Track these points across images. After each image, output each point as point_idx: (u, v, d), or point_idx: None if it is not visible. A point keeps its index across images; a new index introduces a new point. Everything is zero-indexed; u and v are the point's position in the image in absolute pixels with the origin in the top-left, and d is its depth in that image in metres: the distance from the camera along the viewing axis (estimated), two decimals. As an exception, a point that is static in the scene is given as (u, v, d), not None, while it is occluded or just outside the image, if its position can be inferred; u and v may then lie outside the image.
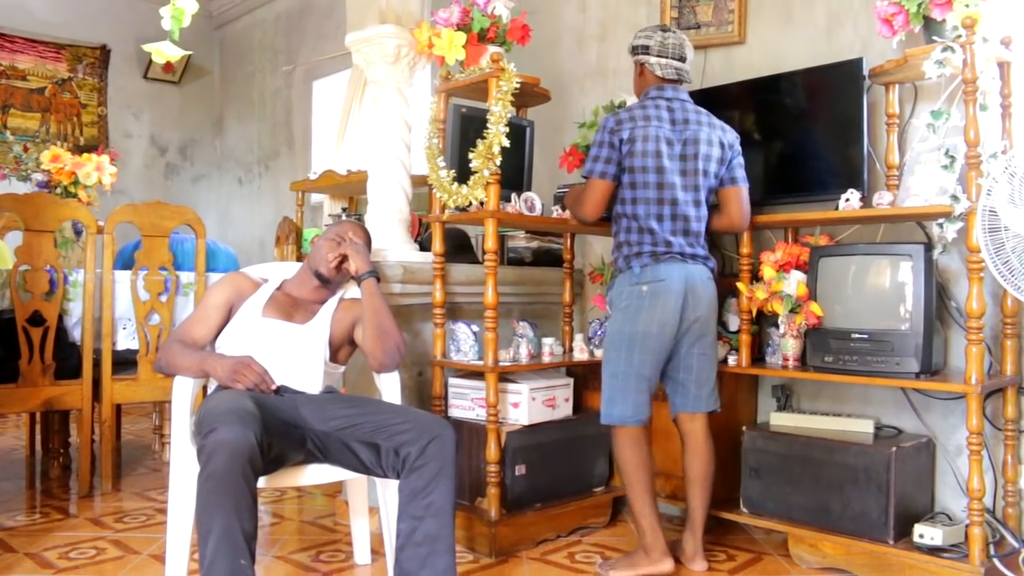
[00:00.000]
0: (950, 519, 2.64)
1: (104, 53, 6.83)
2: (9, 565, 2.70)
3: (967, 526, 2.41)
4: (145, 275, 3.63)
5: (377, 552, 2.78)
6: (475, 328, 3.02)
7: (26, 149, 6.26)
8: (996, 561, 2.43)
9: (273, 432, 2.12)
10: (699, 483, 2.73)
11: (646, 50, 2.75)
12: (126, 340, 3.70)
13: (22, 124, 6.42)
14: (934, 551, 2.46)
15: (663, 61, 2.73)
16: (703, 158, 2.68)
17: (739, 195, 2.77)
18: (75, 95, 6.69)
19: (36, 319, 3.43)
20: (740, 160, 2.78)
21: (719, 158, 2.72)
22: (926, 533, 2.49)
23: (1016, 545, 2.53)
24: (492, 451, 2.84)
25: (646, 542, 2.66)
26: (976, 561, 2.36)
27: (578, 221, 2.91)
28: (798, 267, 2.85)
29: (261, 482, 2.11)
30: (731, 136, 2.76)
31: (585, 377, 3.38)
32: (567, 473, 3.12)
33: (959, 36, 2.41)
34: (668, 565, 2.63)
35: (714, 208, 2.82)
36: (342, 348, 2.62)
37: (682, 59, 2.75)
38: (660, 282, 2.65)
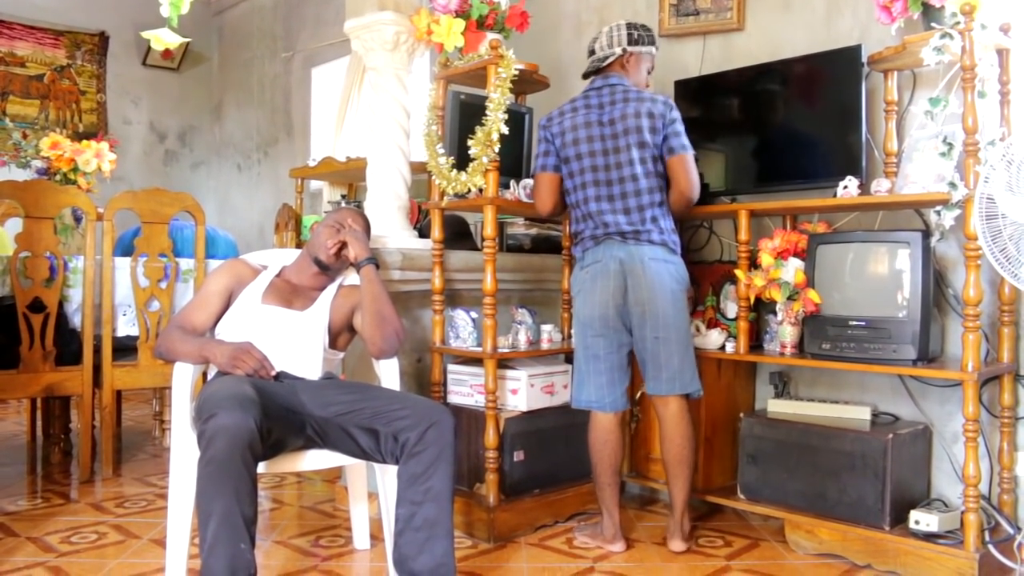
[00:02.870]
0: (946, 505, 2.66)
1: (103, 40, 6.81)
2: (11, 549, 2.72)
3: (963, 512, 2.43)
4: (145, 262, 3.64)
5: (376, 537, 2.80)
6: (474, 315, 3.03)
7: (25, 136, 6.25)
8: (991, 547, 2.45)
9: (273, 418, 2.13)
10: (671, 467, 2.74)
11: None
12: (126, 326, 3.71)
13: (21, 111, 6.41)
14: (930, 537, 2.48)
15: (588, 62, 2.86)
16: (634, 131, 2.68)
17: (681, 164, 2.69)
18: (74, 82, 6.68)
19: (36, 305, 3.44)
20: (675, 128, 2.70)
21: (650, 127, 2.68)
22: (922, 519, 2.51)
23: (1011, 531, 2.55)
24: (491, 437, 2.86)
25: (603, 523, 2.84)
26: (971, 547, 2.38)
27: (542, 217, 3.09)
28: (796, 254, 2.85)
29: (261, 467, 2.12)
30: (660, 106, 2.70)
31: (584, 364, 3.38)
32: (565, 459, 3.13)
33: (958, 23, 2.40)
34: (618, 547, 2.78)
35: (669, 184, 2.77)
36: (341, 334, 2.63)
37: (592, 52, 2.84)
38: (596, 264, 2.73)
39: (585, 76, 2.89)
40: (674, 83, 3.33)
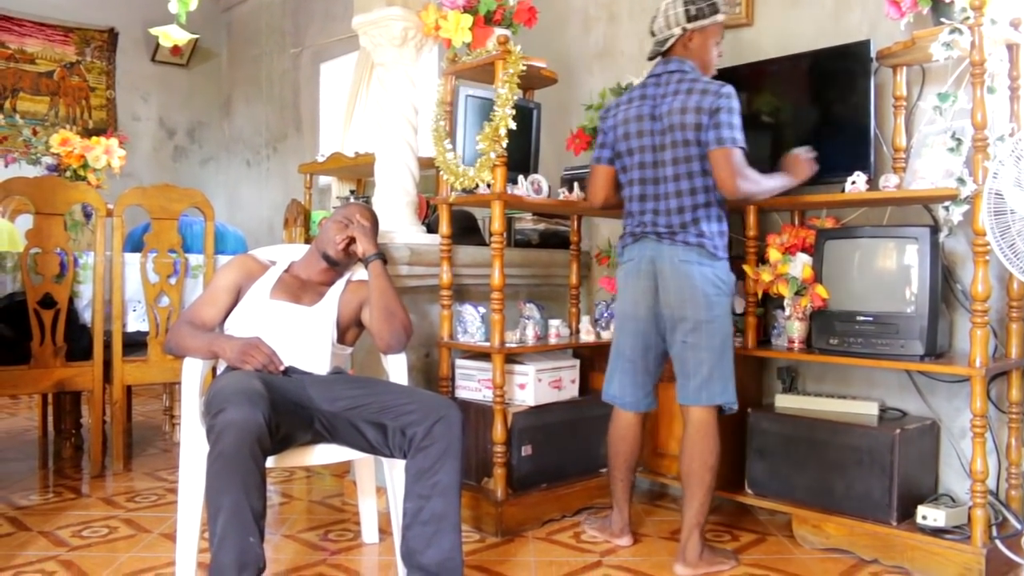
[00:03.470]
0: (953, 501, 2.66)
1: (112, 36, 6.84)
2: (23, 543, 2.75)
3: (970, 508, 2.43)
4: (154, 257, 3.66)
5: (384, 531, 2.81)
6: (482, 310, 3.04)
7: (35, 133, 6.29)
8: (998, 542, 2.45)
9: (281, 412, 2.14)
10: (684, 482, 2.58)
11: None
12: (136, 322, 3.73)
13: (31, 108, 6.45)
14: (937, 532, 2.48)
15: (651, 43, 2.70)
16: (679, 127, 2.53)
17: (719, 158, 2.48)
18: (84, 78, 6.71)
19: (47, 301, 3.46)
20: (720, 119, 2.48)
21: (695, 124, 2.50)
22: (929, 514, 2.51)
23: (1018, 527, 2.54)
24: (498, 432, 2.87)
25: (612, 516, 2.82)
26: (978, 542, 2.38)
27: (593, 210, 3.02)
28: (804, 250, 2.85)
29: (270, 462, 2.14)
30: (709, 99, 2.49)
31: (591, 359, 3.39)
32: (573, 454, 3.14)
33: (967, 18, 2.39)
34: (624, 541, 2.77)
35: None
36: (349, 330, 2.64)
37: (652, 34, 2.68)
38: (630, 262, 2.68)
39: (651, 58, 2.72)
40: (682, 78, 3.32)
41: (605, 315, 3.29)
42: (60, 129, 4.61)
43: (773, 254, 2.84)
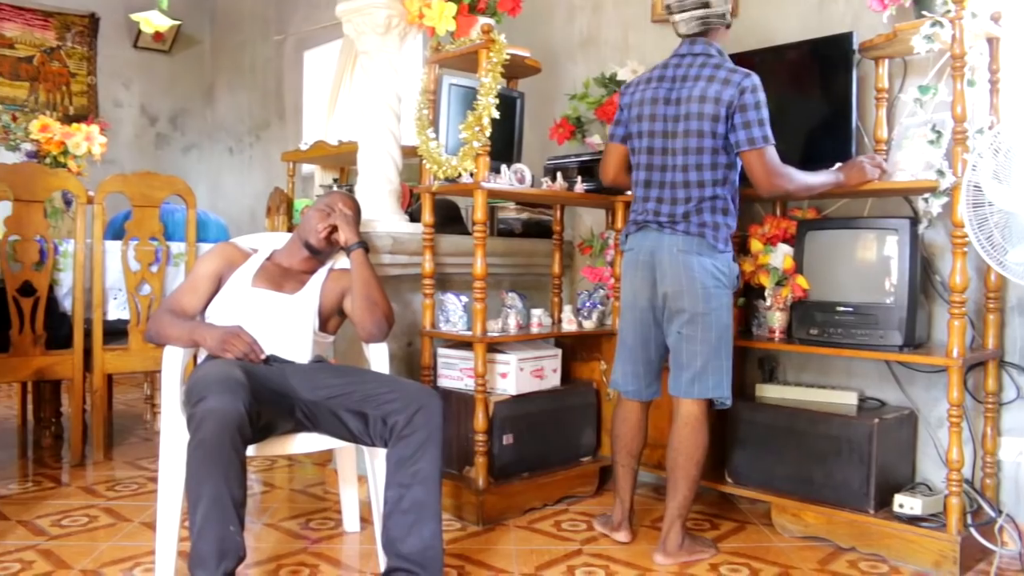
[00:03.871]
0: (930, 489, 2.69)
1: (93, 21, 6.76)
2: (2, 532, 2.73)
3: (946, 496, 2.46)
4: (135, 245, 3.63)
5: (366, 520, 2.81)
6: (464, 299, 3.04)
7: (15, 119, 6.20)
8: (973, 530, 2.48)
9: (262, 401, 2.14)
10: (670, 475, 2.57)
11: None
12: (117, 310, 3.71)
13: (10, 93, 6.36)
14: (913, 520, 2.51)
15: (675, 18, 2.58)
16: (695, 116, 2.47)
17: (753, 159, 2.46)
18: (64, 64, 6.63)
19: (26, 289, 3.43)
20: (746, 118, 2.44)
21: (713, 115, 2.45)
22: (906, 503, 2.54)
23: (992, 515, 2.58)
24: (480, 421, 2.87)
25: (614, 509, 2.78)
26: (953, 530, 2.41)
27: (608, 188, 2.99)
28: (785, 240, 2.87)
29: (250, 450, 2.14)
30: (730, 91, 2.44)
31: (573, 348, 3.41)
32: (554, 443, 3.15)
33: (948, 11, 2.41)
34: (622, 536, 2.72)
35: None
36: (331, 318, 2.63)
37: (682, 10, 2.55)
38: (631, 252, 2.66)
39: (682, 33, 2.59)
40: (666, 69, 3.32)
41: (587, 304, 3.29)
42: (40, 115, 4.55)
43: (755, 244, 2.85)
